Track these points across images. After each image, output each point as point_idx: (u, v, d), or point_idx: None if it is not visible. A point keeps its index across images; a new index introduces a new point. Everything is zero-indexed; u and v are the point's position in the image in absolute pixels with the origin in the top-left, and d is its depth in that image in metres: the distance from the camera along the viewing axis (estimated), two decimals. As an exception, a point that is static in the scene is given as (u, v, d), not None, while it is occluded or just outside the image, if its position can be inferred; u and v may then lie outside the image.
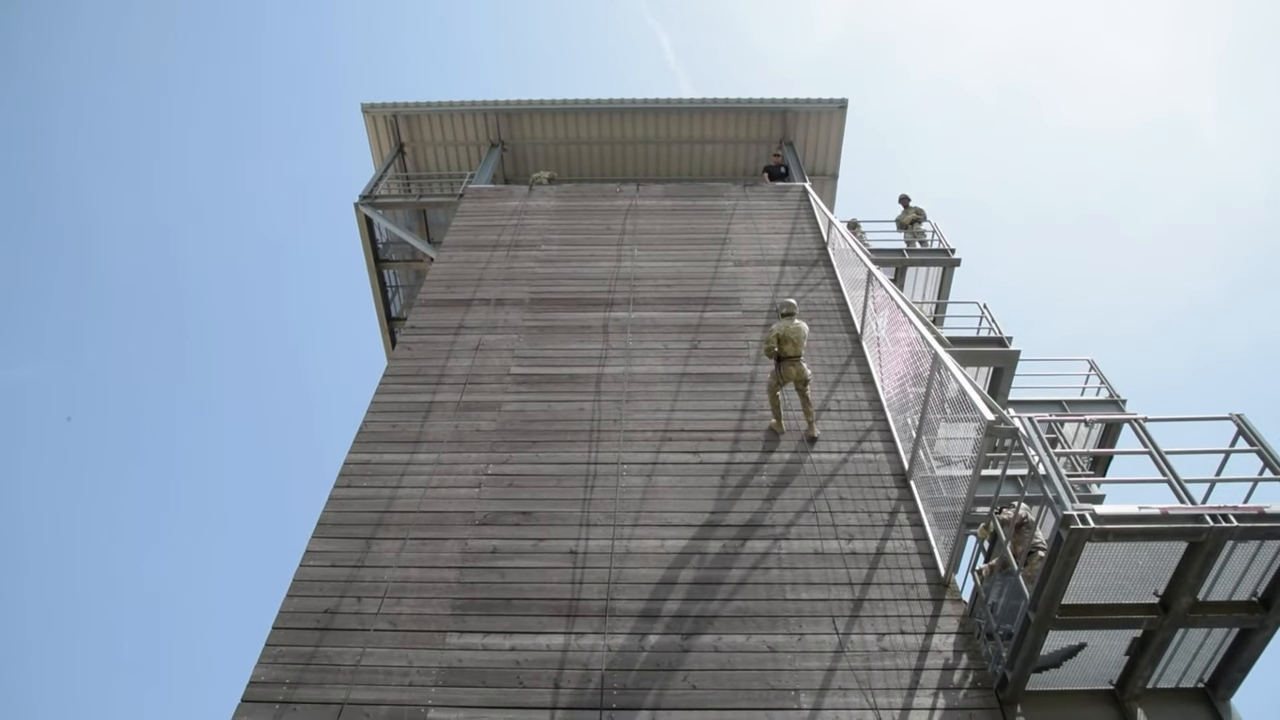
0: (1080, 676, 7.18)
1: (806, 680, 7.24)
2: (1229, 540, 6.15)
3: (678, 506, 8.93)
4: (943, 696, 7.12)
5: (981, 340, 13.51)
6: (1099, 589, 6.57)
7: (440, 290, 13.11)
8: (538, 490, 9.18)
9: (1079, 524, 6.01)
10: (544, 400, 10.52)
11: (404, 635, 7.74)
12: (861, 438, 9.81)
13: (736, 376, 10.87)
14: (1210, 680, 7.16)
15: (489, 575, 8.24)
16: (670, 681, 7.26)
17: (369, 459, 9.74)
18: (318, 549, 8.64)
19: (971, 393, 7.44)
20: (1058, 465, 6.55)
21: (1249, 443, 6.95)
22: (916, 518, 8.71)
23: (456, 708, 7.14)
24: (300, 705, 7.21)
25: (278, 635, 7.79)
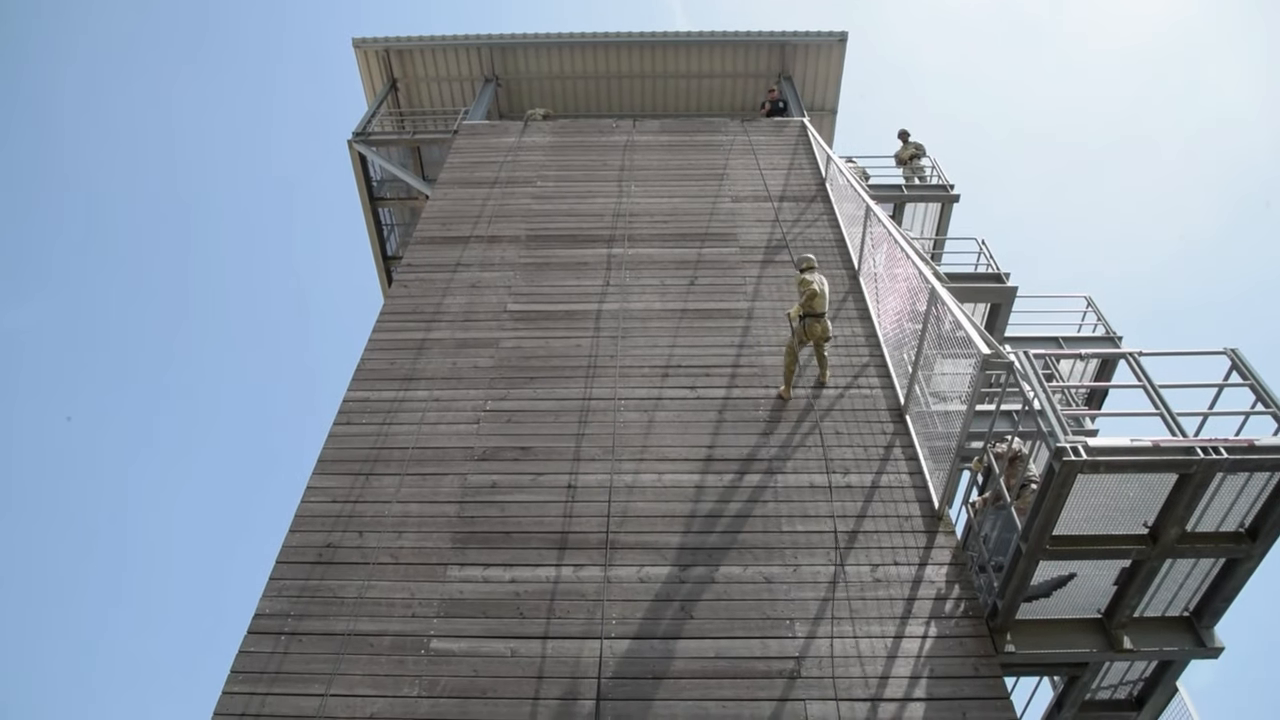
0: (1069, 606, 7.32)
1: (801, 610, 7.39)
2: (1219, 472, 6.23)
3: (675, 441, 9.01)
4: (934, 625, 7.28)
5: (979, 276, 13.48)
6: (1090, 520, 6.67)
7: (436, 228, 13.03)
8: (536, 426, 9.25)
9: (1071, 456, 6.08)
10: (541, 336, 10.54)
11: (405, 568, 7.86)
12: (858, 373, 9.86)
13: (734, 312, 10.88)
14: (1195, 609, 7.31)
15: (488, 509, 8.35)
16: (667, 611, 7.41)
17: (367, 396, 9.79)
18: (318, 485, 8.73)
19: (968, 327, 7.46)
20: (1052, 399, 6.60)
21: (1242, 377, 6.99)
22: (911, 452, 8.80)
23: (458, 638, 7.29)
24: (305, 636, 7.36)
25: (281, 569, 7.92)
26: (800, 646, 7.12)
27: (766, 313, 10.80)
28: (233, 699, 6.96)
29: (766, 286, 11.33)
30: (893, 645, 7.12)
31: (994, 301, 13.09)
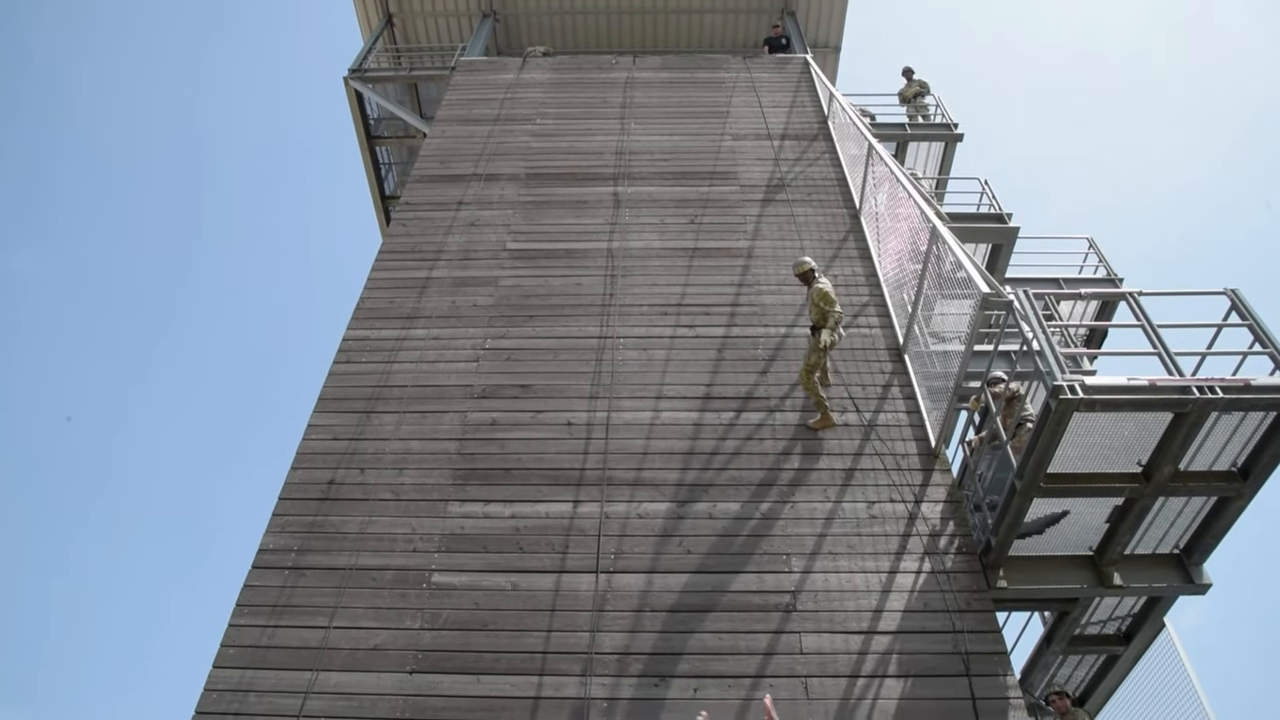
0: (1061, 543, 7.43)
1: (798, 545, 7.49)
2: (1214, 412, 6.27)
3: (674, 379, 9.04)
4: (928, 561, 7.39)
5: (981, 217, 13.40)
6: (1084, 458, 6.73)
7: (434, 166, 12.91)
8: (535, 364, 9.28)
9: (1068, 394, 6.11)
10: (541, 275, 10.51)
11: (406, 504, 7.96)
12: (857, 313, 9.86)
13: (734, 251, 10.84)
14: (1185, 547, 7.41)
15: (488, 446, 8.42)
16: (665, 546, 7.52)
17: (367, 335, 9.80)
18: (319, 423, 8.79)
19: (968, 266, 7.45)
20: (1050, 338, 6.61)
21: (1241, 317, 7.00)
22: (909, 391, 8.84)
23: (459, 572, 7.41)
24: (309, 571, 7.48)
25: (284, 506, 8.01)
26: (796, 581, 7.24)
27: (766, 252, 10.76)
28: (239, 631, 7.10)
29: (767, 226, 11.27)
30: (887, 580, 7.24)
31: (995, 242, 13.04)
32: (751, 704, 6.50)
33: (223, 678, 6.81)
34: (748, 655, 6.78)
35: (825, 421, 8.47)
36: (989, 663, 6.74)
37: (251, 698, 6.70)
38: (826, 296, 8.36)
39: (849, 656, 6.76)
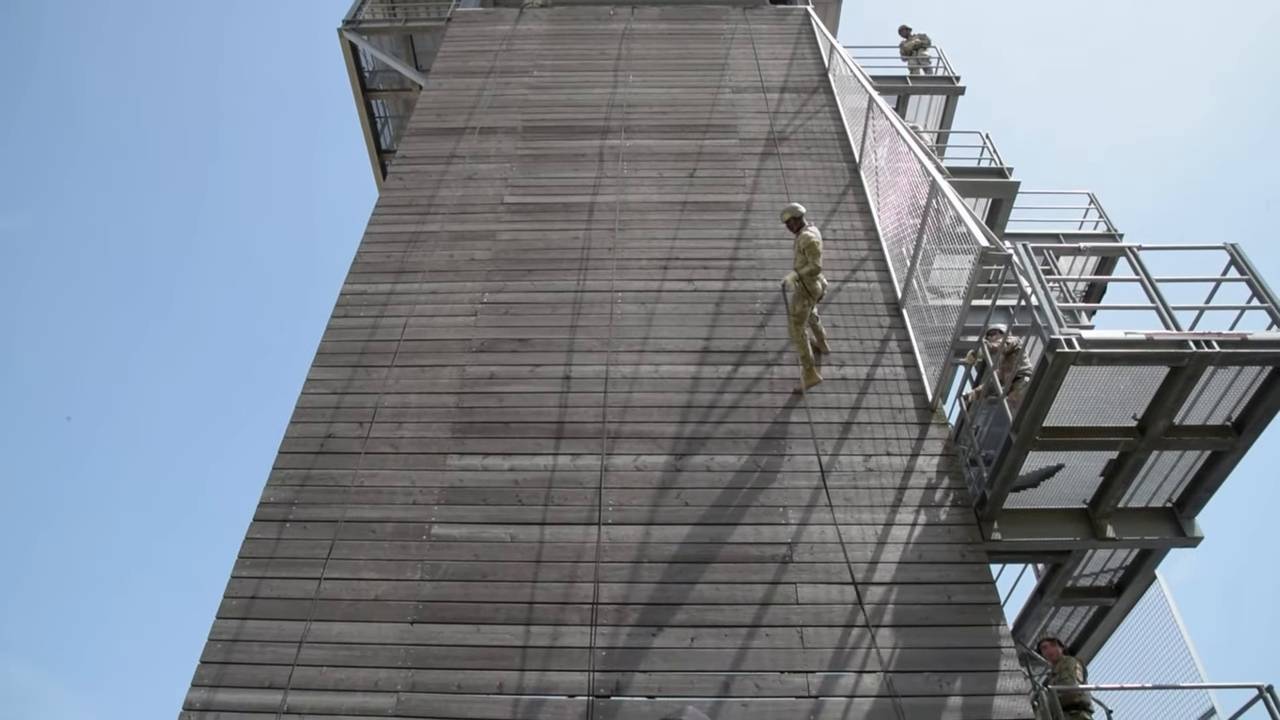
0: (1056, 496, 7.48)
1: (795, 498, 7.55)
2: (1210, 366, 6.29)
3: (672, 333, 9.04)
4: (924, 514, 7.46)
5: (981, 171, 13.33)
6: (1080, 412, 6.77)
7: (430, 119, 12.77)
8: (533, 318, 9.27)
9: (1065, 348, 6.12)
10: (538, 229, 10.46)
11: (406, 457, 8.00)
12: (856, 267, 9.83)
13: (732, 205, 10.77)
14: (1178, 500, 7.47)
15: (486, 400, 8.45)
16: (664, 499, 7.58)
17: (364, 289, 9.77)
18: (318, 377, 8.80)
19: (968, 219, 7.41)
20: (1048, 292, 6.61)
21: (1240, 272, 6.99)
22: (907, 345, 8.84)
23: (458, 524, 7.47)
24: (310, 524, 7.54)
25: (284, 459, 8.05)
26: (793, 533, 7.31)
27: (765, 206, 10.69)
28: (242, 583, 7.18)
29: (766, 179, 11.19)
30: (882, 532, 7.31)
31: (996, 197, 12.98)
32: (748, 653, 6.60)
33: (226, 628, 6.90)
34: (744, 605, 6.87)
35: (811, 379, 8.33)
36: (982, 613, 6.84)
37: (255, 647, 6.79)
38: (813, 246, 8.26)
39: (844, 607, 6.85)
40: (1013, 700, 6.36)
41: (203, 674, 6.65)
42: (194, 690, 6.56)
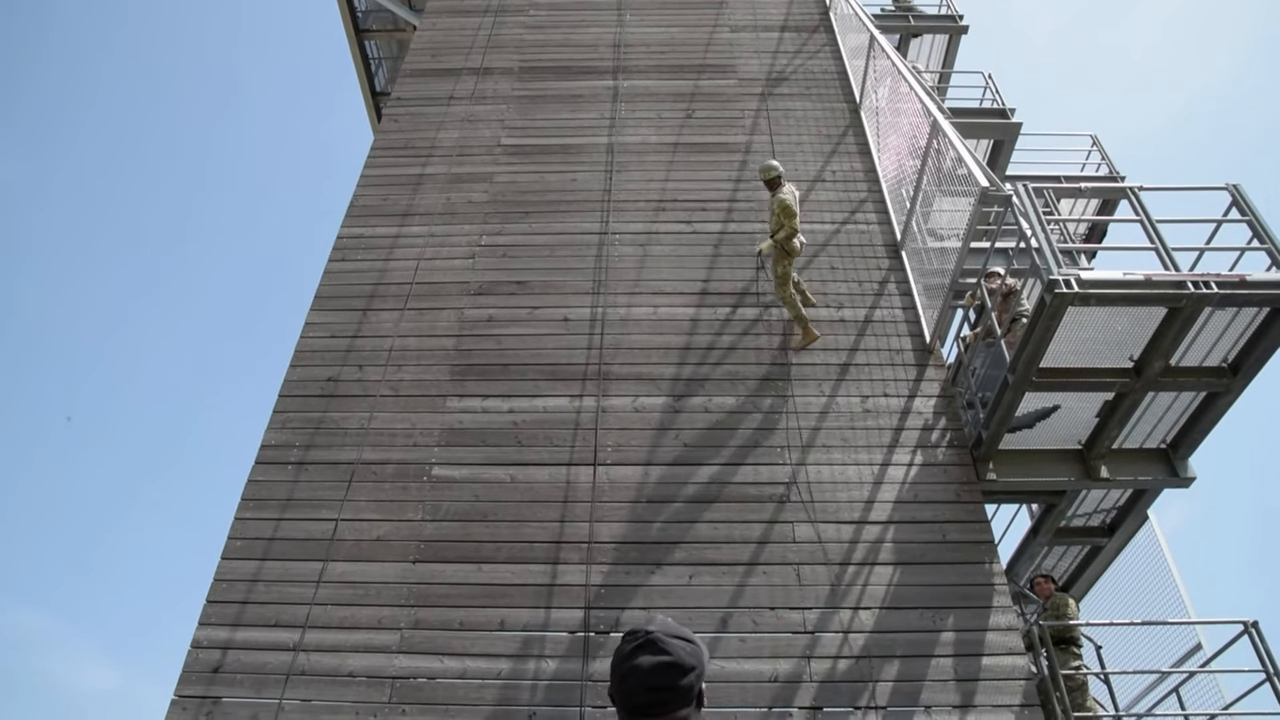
0: (1051, 437, 7.55)
1: (793, 438, 7.61)
2: (1207, 307, 6.30)
3: (670, 275, 9.03)
4: (920, 454, 7.52)
5: (983, 112, 13.18)
6: (1077, 353, 6.79)
7: (425, 59, 12.57)
8: (531, 260, 9.24)
9: (1063, 288, 6.13)
10: (536, 171, 10.37)
11: (406, 400, 8.04)
12: (855, 208, 9.78)
13: (731, 146, 10.67)
14: (1172, 441, 7.53)
15: (485, 343, 8.46)
16: (662, 439, 7.64)
17: (361, 232, 9.72)
18: (316, 321, 8.79)
19: (968, 159, 7.36)
20: (1048, 232, 6.59)
21: (1241, 213, 6.97)
22: (906, 287, 8.83)
23: (459, 465, 7.54)
24: (311, 466, 7.60)
25: (284, 403, 8.08)
26: (790, 473, 7.39)
27: (764, 147, 10.59)
28: (245, 524, 7.26)
29: (765, 120, 11.06)
30: (879, 472, 7.38)
31: (997, 138, 12.86)
32: (745, 590, 6.71)
33: (230, 569, 7.00)
34: (742, 544, 6.97)
35: (809, 336, 8.23)
36: (976, 551, 6.94)
37: (260, 587, 6.89)
38: (788, 209, 8.06)
39: (840, 545, 6.95)
40: (1005, 635, 6.48)
41: (209, 613, 6.76)
42: (201, 629, 6.68)
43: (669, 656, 1.80)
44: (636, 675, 1.79)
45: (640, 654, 1.81)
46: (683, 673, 1.80)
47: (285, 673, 6.39)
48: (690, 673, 1.81)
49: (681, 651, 1.82)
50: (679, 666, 1.80)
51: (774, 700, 6.18)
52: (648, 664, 1.79)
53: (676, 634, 1.85)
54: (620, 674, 1.83)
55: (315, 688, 6.36)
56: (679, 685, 1.79)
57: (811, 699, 6.19)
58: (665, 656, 1.80)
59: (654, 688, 1.78)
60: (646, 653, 1.81)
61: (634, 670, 1.80)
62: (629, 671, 1.80)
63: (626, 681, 1.81)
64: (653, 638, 1.83)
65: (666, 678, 1.78)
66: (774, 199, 8.25)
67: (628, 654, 1.83)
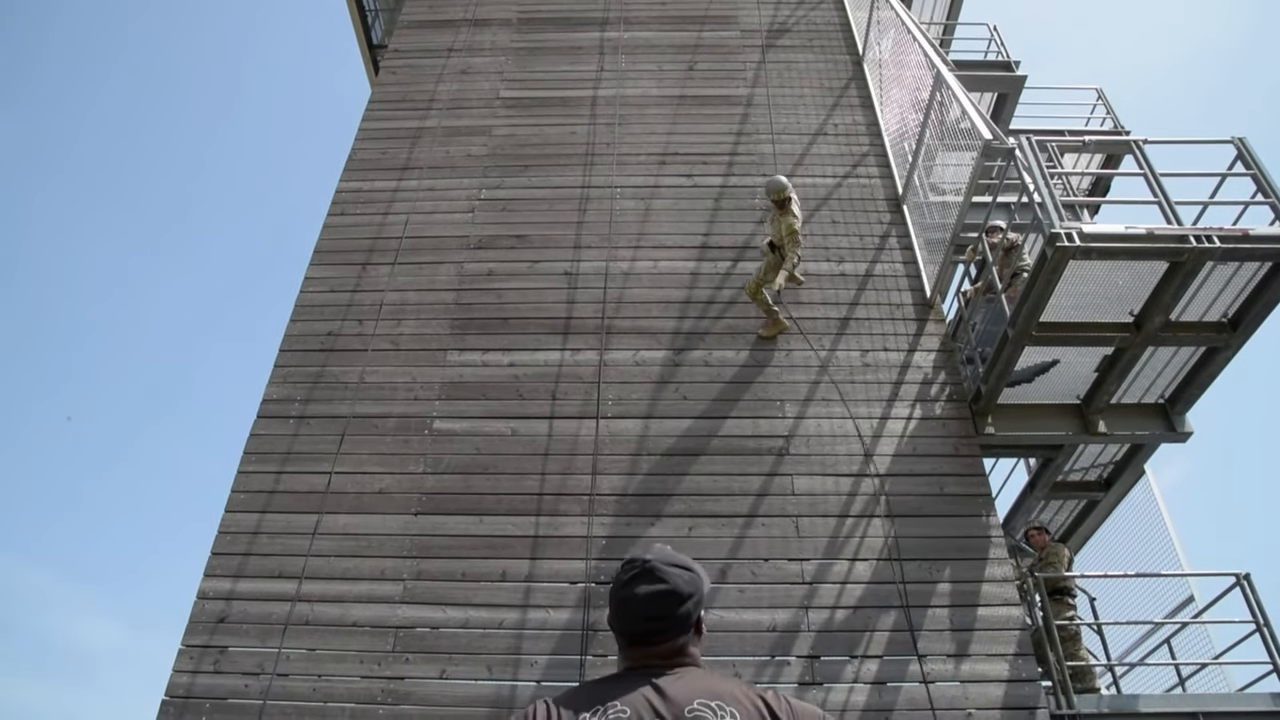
0: (1050, 391, 7.57)
1: (792, 392, 7.64)
2: (1209, 261, 6.28)
3: (671, 229, 8.98)
4: (919, 408, 7.55)
5: (987, 64, 13.01)
6: (1077, 308, 6.79)
7: (422, 10, 12.38)
8: (531, 214, 9.19)
9: (1065, 241, 6.11)
10: (535, 124, 10.27)
11: (406, 354, 8.05)
12: (857, 162, 9.70)
13: (732, 99, 10.55)
14: (1170, 396, 7.56)
15: (485, 296, 8.44)
16: (662, 393, 7.66)
17: (360, 186, 9.65)
18: (316, 275, 8.77)
19: (972, 112, 7.30)
20: (1050, 186, 6.55)
21: (1246, 167, 6.92)
22: (907, 242, 8.79)
23: (460, 418, 7.57)
24: (313, 419, 7.63)
25: (285, 357, 8.09)
26: (789, 426, 7.42)
27: (763, 99, 10.47)
28: (248, 478, 7.31)
29: (766, 72, 10.93)
30: (878, 426, 7.42)
31: (1001, 91, 12.71)
32: (744, 541, 6.78)
33: (234, 521, 7.06)
34: (741, 496, 7.03)
35: (776, 326, 7.96)
36: (974, 504, 7.00)
37: (263, 539, 6.96)
38: (794, 234, 7.60)
39: (839, 497, 7.00)
40: (1000, 587, 6.56)
41: (214, 565, 6.84)
42: (207, 580, 6.76)
43: (665, 585, 1.82)
44: (633, 603, 1.82)
45: (637, 583, 1.83)
46: (680, 601, 1.81)
47: (290, 622, 6.48)
48: (687, 600, 1.82)
49: (679, 579, 1.83)
50: (676, 594, 1.81)
51: (773, 649, 6.28)
52: (644, 592, 1.81)
53: (674, 562, 1.86)
54: (618, 602, 1.85)
55: (320, 637, 6.46)
56: (676, 614, 1.81)
57: (809, 648, 6.28)
58: (662, 585, 1.82)
59: (651, 616, 1.80)
60: (643, 581, 1.83)
61: (631, 598, 1.82)
62: (626, 600, 1.83)
63: (624, 609, 1.83)
64: (650, 566, 1.84)
65: (663, 606, 1.80)
66: (782, 220, 7.68)
67: (625, 582, 1.85)
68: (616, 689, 1.71)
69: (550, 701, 1.70)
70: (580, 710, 1.66)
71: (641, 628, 1.81)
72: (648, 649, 1.81)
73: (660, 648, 1.81)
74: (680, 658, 1.81)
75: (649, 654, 1.81)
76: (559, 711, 1.66)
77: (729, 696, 1.67)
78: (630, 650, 1.83)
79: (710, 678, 1.75)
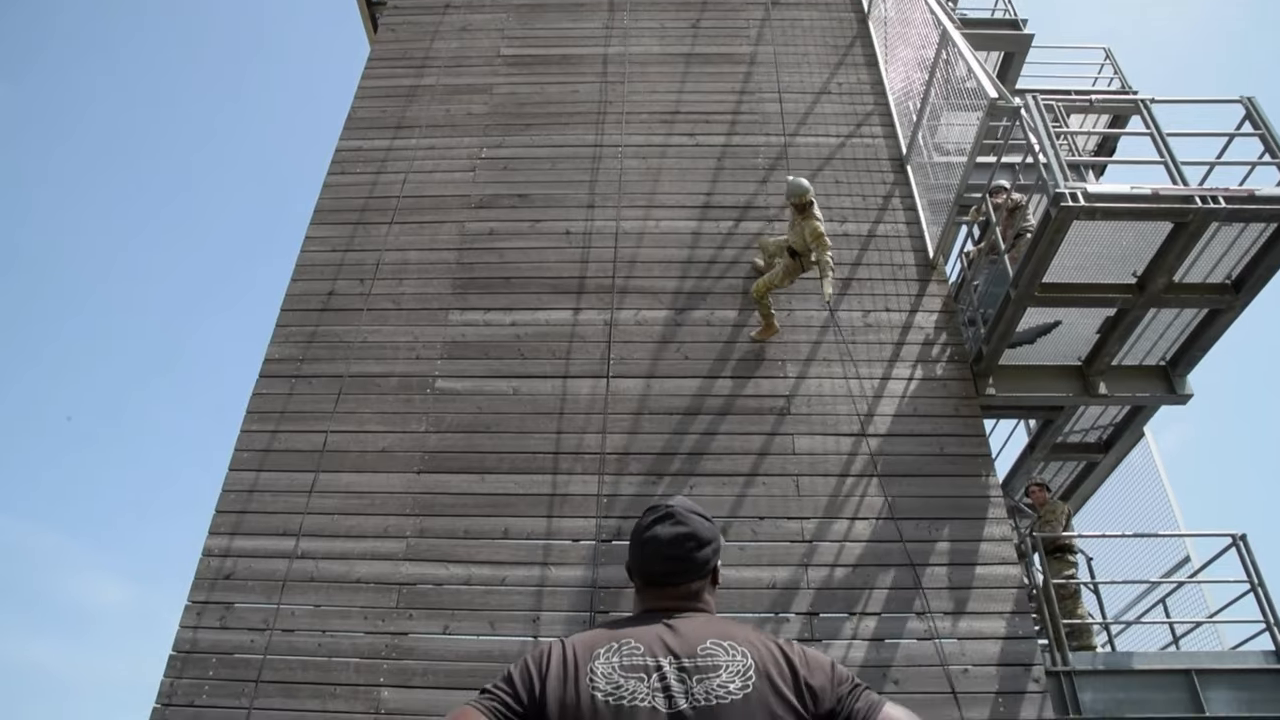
0: (1051, 353, 7.58)
1: (794, 351, 7.65)
2: (1214, 222, 6.25)
3: (674, 188, 8.92)
4: (920, 368, 7.56)
5: (993, 23, 12.83)
6: (1080, 269, 6.78)
7: (422, -36, 12.19)
8: (533, 173, 9.13)
9: (1069, 202, 6.08)
10: (537, 82, 10.16)
11: (408, 314, 8.04)
12: (861, 121, 9.61)
13: (736, 57, 10.43)
14: (1171, 359, 7.56)
15: (487, 256, 8.42)
16: (664, 352, 7.67)
17: (360, 145, 9.57)
18: (317, 235, 8.73)
19: (978, 70, 7.23)
20: (1055, 146, 6.50)
21: (1254, 126, 6.87)
22: (910, 202, 8.74)
23: (461, 378, 7.59)
24: (315, 379, 7.65)
25: (286, 317, 8.09)
26: (791, 386, 7.44)
27: (767, 58, 10.35)
28: (251, 436, 7.34)
29: (770, 30, 10.79)
30: (879, 386, 7.43)
31: (1008, 50, 12.54)
32: (745, 500, 6.83)
33: (238, 479, 7.11)
34: (742, 455, 7.06)
35: (769, 331, 7.61)
36: (973, 464, 7.03)
37: (267, 497, 7.01)
38: (821, 239, 7.15)
39: (839, 457, 7.04)
40: (998, 546, 6.62)
41: (219, 523, 6.89)
42: (212, 538, 6.82)
43: (686, 528, 1.87)
44: (655, 544, 1.86)
45: (659, 525, 1.88)
46: (699, 545, 1.87)
47: (295, 579, 6.54)
48: (707, 546, 1.88)
49: (699, 525, 1.89)
50: (696, 538, 1.87)
51: (772, 605, 6.35)
52: (666, 534, 1.86)
53: (695, 510, 1.92)
54: (639, 544, 1.90)
55: (324, 593, 6.53)
56: (695, 557, 1.86)
57: (808, 605, 6.35)
58: (683, 528, 1.87)
59: (670, 557, 1.85)
60: (665, 524, 1.88)
61: (653, 539, 1.87)
62: (648, 541, 1.88)
63: (644, 550, 1.88)
64: (672, 511, 1.90)
65: (683, 548, 1.85)
66: (806, 225, 7.23)
67: (647, 526, 1.90)
68: (631, 628, 1.75)
69: (565, 641, 1.74)
70: (595, 648, 1.69)
71: (661, 568, 1.86)
72: (664, 590, 1.85)
73: (677, 589, 1.85)
74: (695, 602, 1.85)
75: (665, 595, 1.85)
76: (574, 650, 1.70)
77: (742, 639, 1.70)
78: (647, 592, 1.88)
79: (724, 622, 1.78)
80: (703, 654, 1.66)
